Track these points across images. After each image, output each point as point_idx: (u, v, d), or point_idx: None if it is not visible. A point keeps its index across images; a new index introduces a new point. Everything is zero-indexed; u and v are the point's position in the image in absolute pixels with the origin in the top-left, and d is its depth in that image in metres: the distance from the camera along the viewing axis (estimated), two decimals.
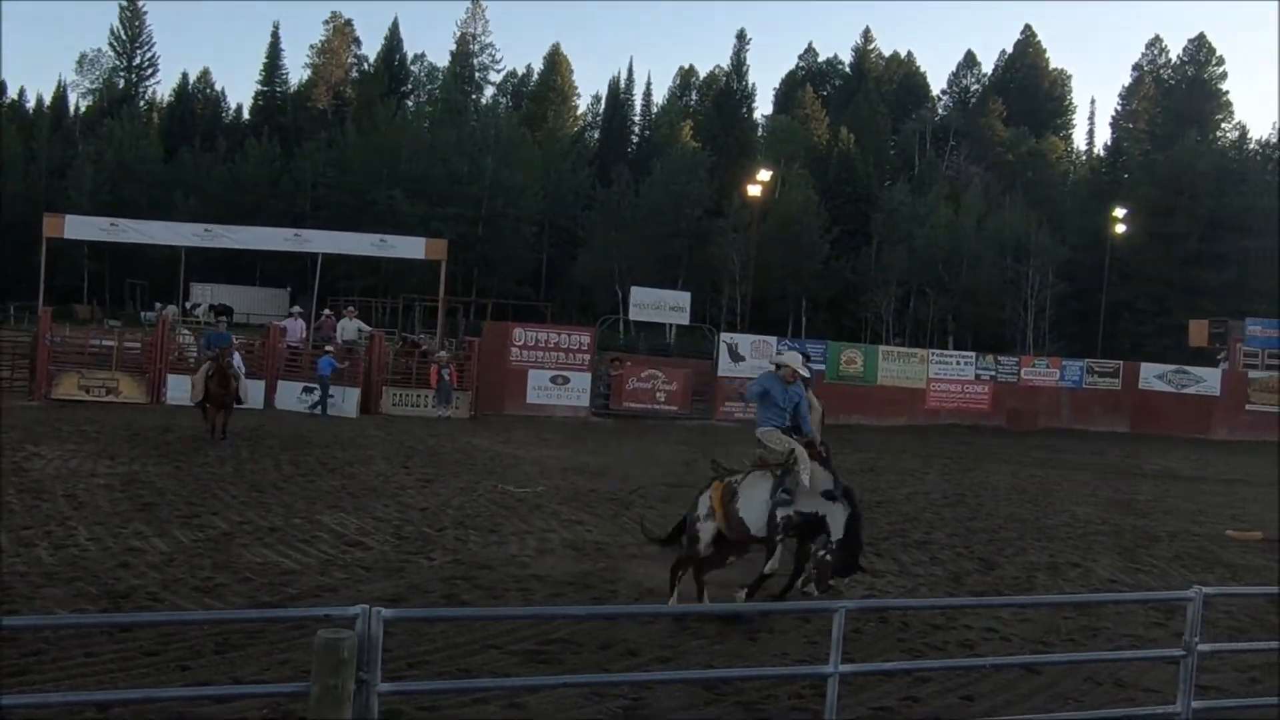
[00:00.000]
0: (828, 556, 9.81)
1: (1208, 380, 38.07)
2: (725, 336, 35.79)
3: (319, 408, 27.58)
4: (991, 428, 35.48)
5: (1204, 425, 36.54)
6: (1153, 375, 38.31)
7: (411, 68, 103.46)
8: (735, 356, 33.98)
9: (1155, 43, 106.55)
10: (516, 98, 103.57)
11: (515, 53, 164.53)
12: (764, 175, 57.03)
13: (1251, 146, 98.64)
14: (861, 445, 27.79)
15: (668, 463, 22.35)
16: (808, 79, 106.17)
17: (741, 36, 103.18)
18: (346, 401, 28.11)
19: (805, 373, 11.15)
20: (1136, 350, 58.14)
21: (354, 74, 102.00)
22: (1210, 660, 8.95)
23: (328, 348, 28.97)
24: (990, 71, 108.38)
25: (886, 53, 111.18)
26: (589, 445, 24.80)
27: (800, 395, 10.85)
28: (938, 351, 41.39)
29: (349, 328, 31.71)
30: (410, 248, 39.54)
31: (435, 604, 10.43)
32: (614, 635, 9.57)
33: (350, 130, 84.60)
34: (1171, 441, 33.88)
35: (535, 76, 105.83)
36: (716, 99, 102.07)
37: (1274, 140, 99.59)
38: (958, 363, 37.73)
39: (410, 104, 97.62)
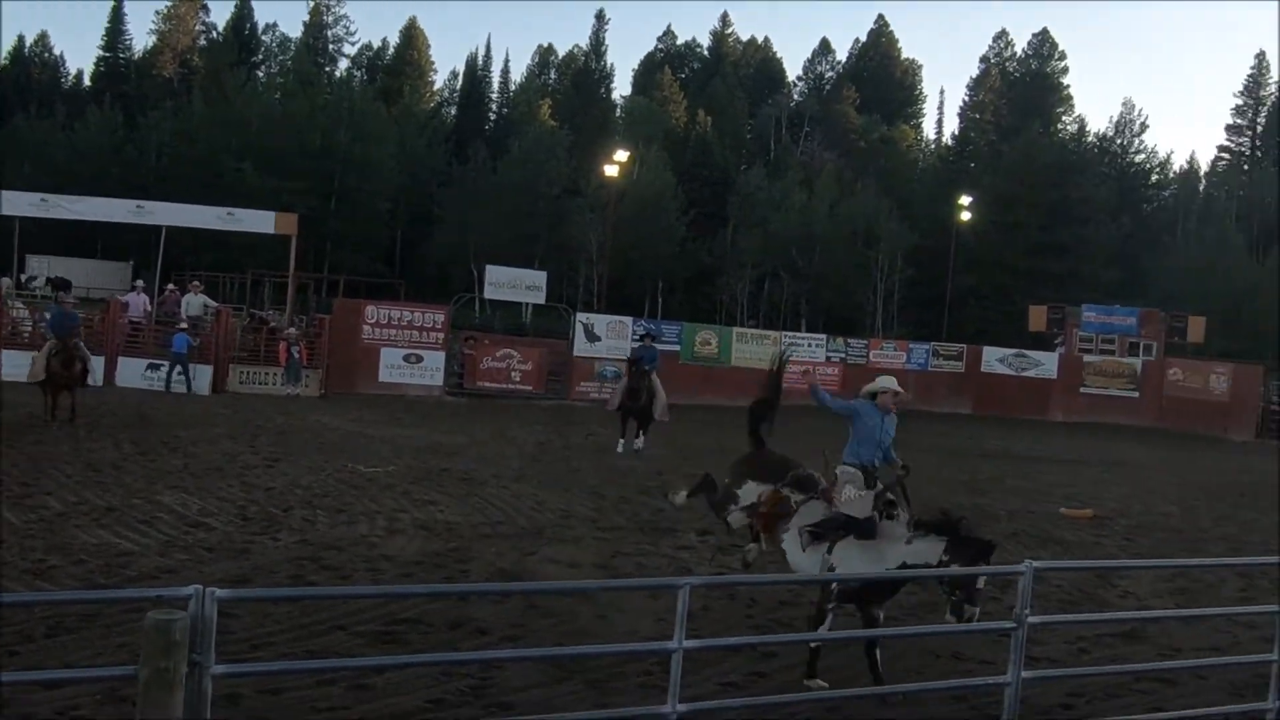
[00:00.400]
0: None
1: (1045, 364, 39.48)
2: (581, 316, 35.77)
3: (178, 384, 26.89)
4: None
5: (1042, 407, 37.90)
6: (994, 358, 39.56)
7: (263, 37, 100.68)
8: (591, 336, 34.01)
9: (1001, 36, 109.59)
10: (371, 72, 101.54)
11: (371, 26, 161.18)
12: (622, 156, 57.07)
13: (1090, 139, 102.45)
14: (715, 425, 28.05)
15: (522, 443, 22.28)
16: (666, 61, 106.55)
17: (601, 17, 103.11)
18: (198, 379, 27.39)
19: (904, 394, 10.02)
20: (980, 334, 59.87)
21: (202, 42, 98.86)
22: (1041, 632, 9.29)
23: (182, 324, 28.12)
24: (844, 60, 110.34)
25: (744, 38, 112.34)
26: (442, 425, 24.56)
27: (893, 428, 9.86)
28: (790, 333, 42.03)
29: (194, 303, 30.79)
30: (259, 222, 38.46)
31: (280, 585, 10.20)
32: (464, 615, 9.49)
33: (197, 100, 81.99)
34: (1012, 422, 35.03)
35: (391, 51, 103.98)
36: (575, 78, 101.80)
37: (1111, 134, 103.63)
38: (809, 345, 38.38)
39: (261, 75, 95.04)
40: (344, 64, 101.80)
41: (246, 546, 11.59)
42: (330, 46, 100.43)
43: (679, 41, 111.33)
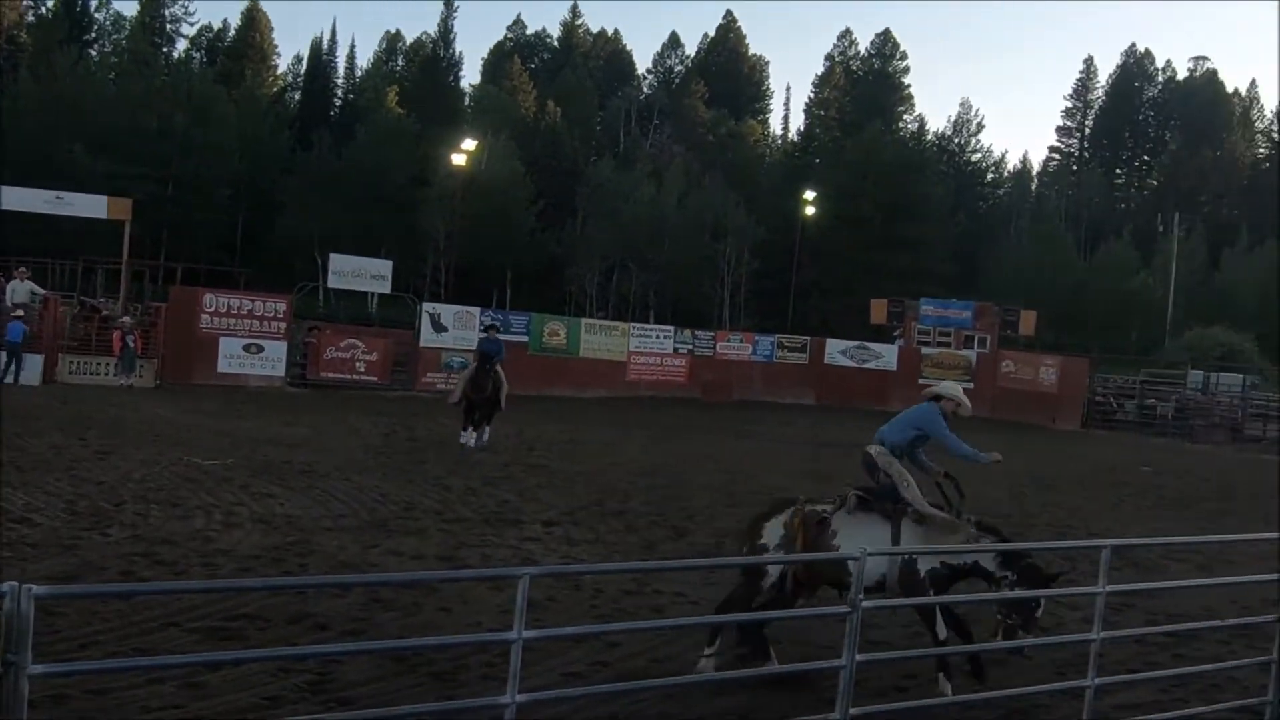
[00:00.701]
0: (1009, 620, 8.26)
1: (885, 356, 40.53)
2: (428, 306, 35.39)
3: (9, 376, 25.74)
4: (688, 399, 36.56)
5: (882, 397, 38.81)
6: (837, 351, 40.46)
7: (96, 15, 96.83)
8: (438, 327, 33.68)
9: (846, 35, 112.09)
10: (211, 54, 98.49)
11: (210, 7, 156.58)
12: (470, 145, 56.58)
13: (929, 138, 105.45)
14: (563, 416, 28.13)
15: (366, 435, 21.96)
16: (516, 50, 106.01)
17: (449, 3, 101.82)
18: (28, 369, 26.28)
19: (968, 403, 9.75)
20: (824, 327, 61.09)
21: (30, 18, 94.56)
22: (879, 616, 9.53)
23: (17, 312, 26.89)
24: (693, 54, 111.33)
25: (594, 29, 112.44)
26: (284, 416, 24.05)
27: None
28: (638, 325, 42.29)
29: (20, 290, 29.43)
30: (91, 206, 37.02)
31: (110, 581, 9.84)
32: (303, 609, 9.30)
33: (25, 79, 78.42)
34: (853, 413, 35.81)
35: (232, 33, 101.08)
36: (423, 66, 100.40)
37: (950, 133, 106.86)
38: (657, 336, 38.68)
39: (94, 54, 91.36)
40: (182, 45, 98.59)
41: (74, 542, 11.16)
42: (168, 26, 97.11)
43: (529, 31, 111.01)
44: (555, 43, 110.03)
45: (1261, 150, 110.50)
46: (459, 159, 54.49)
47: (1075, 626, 9.91)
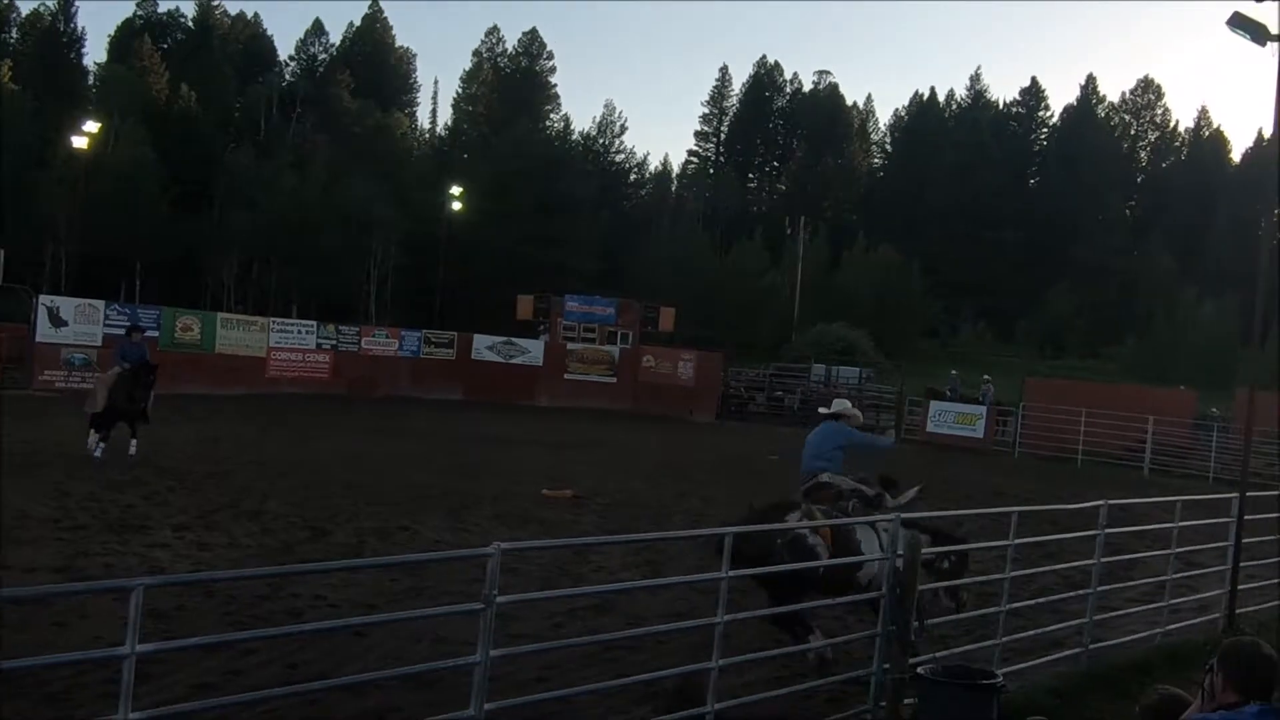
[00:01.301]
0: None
1: (532, 351, 41.03)
2: (45, 299, 32.91)
3: None
4: (332, 397, 35.70)
5: (529, 392, 39.35)
6: (484, 346, 40.60)
7: None
8: (57, 321, 31.40)
9: (494, 32, 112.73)
10: None
11: None
12: (93, 127, 53.00)
13: (575, 137, 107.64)
14: (197, 416, 26.81)
15: None
16: (146, 29, 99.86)
17: None
18: None
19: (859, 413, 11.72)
20: (472, 322, 61.08)
21: None
22: (520, 609, 9.62)
23: None
24: (339, 42, 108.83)
25: (233, 11, 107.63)
26: None
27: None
28: (279, 320, 40.88)
29: None
30: None
31: None
32: None
33: None
34: (501, 408, 36.08)
35: None
36: (40, 40, 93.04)
37: (595, 133, 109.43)
38: (299, 332, 37.59)
39: None
40: None
41: None
42: None
43: (161, 9, 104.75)
44: (190, 23, 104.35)
45: (877, 160, 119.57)
46: (80, 141, 50.93)
47: (707, 610, 10.34)
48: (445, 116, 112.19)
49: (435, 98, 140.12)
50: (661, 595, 11.38)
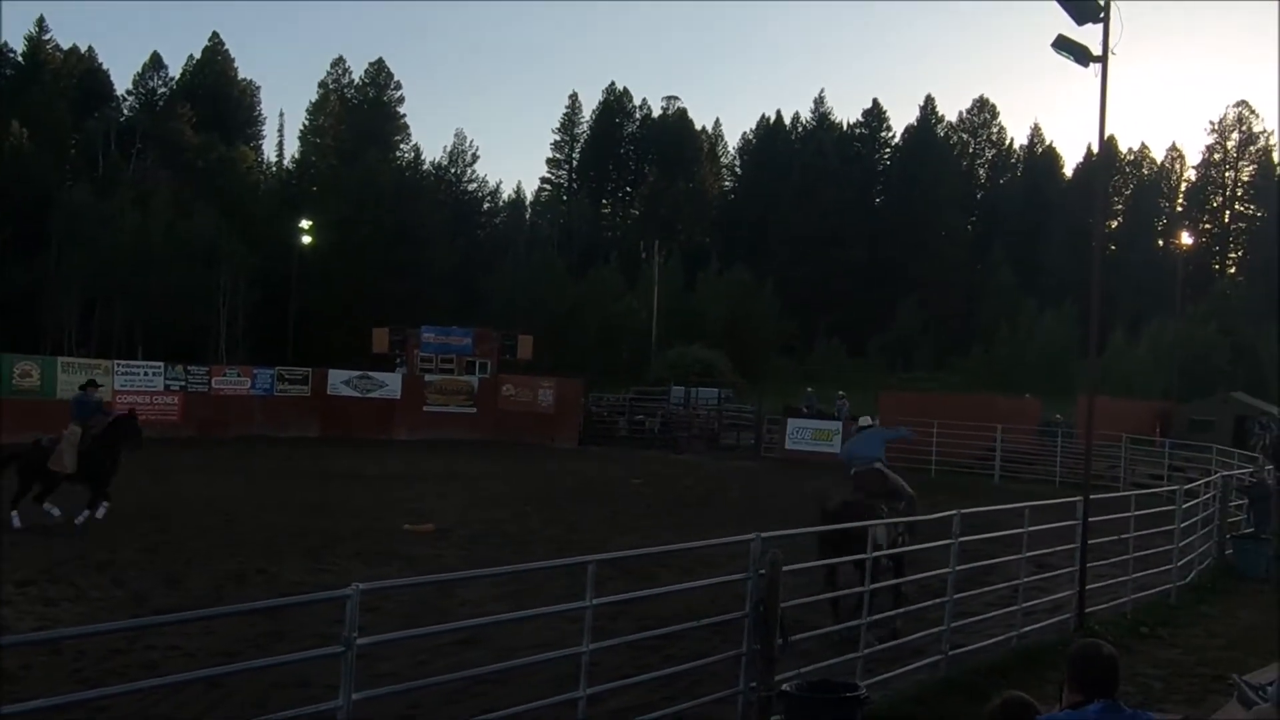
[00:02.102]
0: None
1: (389, 384, 40.47)
2: None
3: None
4: (183, 439, 34.67)
5: (387, 426, 38.77)
6: (340, 381, 39.92)
7: None
8: None
9: (339, 63, 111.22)
10: None
11: None
12: None
13: (426, 167, 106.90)
14: None
15: None
16: None
17: None
18: None
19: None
20: (327, 357, 60.04)
21: None
22: (385, 648, 9.46)
23: None
24: (178, 75, 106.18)
25: (65, 45, 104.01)
26: None
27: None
28: (124, 362, 39.58)
29: None
30: None
31: None
32: None
33: None
34: (359, 444, 35.45)
35: None
36: None
37: (446, 163, 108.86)
38: (146, 374, 36.47)
39: None
40: None
41: None
42: None
43: None
44: (19, 58, 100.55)
45: (727, 183, 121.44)
46: None
47: (575, 638, 10.33)
48: (293, 149, 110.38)
49: (281, 130, 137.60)
50: (529, 626, 11.30)
